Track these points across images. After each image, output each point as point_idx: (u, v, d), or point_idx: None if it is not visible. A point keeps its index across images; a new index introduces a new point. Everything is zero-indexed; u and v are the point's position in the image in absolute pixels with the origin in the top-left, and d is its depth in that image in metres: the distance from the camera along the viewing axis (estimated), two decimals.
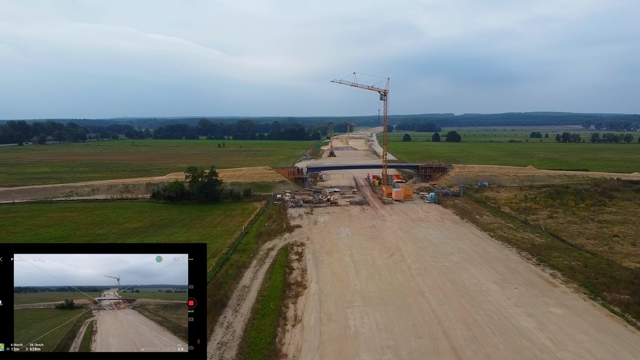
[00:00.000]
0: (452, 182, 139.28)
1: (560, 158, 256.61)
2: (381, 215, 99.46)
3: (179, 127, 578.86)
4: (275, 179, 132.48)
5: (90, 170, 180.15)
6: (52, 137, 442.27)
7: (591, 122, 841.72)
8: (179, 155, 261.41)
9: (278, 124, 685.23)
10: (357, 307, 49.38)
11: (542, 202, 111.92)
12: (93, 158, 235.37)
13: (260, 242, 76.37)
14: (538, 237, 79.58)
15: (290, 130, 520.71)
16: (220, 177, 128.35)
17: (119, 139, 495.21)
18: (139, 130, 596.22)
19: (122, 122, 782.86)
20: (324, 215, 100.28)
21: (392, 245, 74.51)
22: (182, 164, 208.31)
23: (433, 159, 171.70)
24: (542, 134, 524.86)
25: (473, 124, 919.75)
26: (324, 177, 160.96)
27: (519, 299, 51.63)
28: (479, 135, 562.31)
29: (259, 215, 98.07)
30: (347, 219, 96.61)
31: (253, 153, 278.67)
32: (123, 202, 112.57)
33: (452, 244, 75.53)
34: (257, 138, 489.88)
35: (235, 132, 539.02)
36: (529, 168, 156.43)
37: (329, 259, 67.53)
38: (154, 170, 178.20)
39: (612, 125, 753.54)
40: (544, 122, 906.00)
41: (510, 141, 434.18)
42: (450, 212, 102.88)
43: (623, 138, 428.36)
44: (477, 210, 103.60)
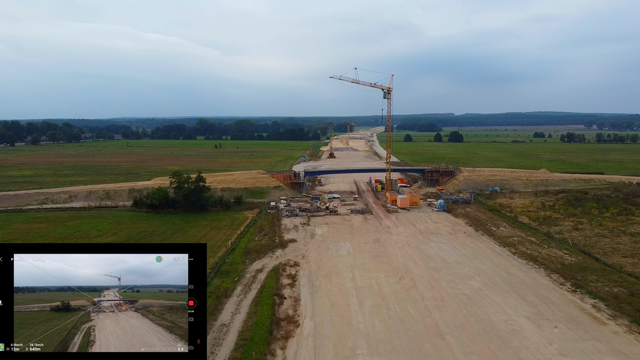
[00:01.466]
0: (460, 187, 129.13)
1: (569, 159, 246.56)
2: (386, 227, 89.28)
3: (177, 127, 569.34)
4: (269, 185, 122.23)
5: (76, 174, 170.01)
6: (46, 138, 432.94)
7: (593, 122, 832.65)
8: (173, 157, 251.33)
9: (277, 124, 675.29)
10: (362, 358, 39.22)
11: (562, 210, 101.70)
12: (82, 160, 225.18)
13: (248, 262, 66.20)
14: (567, 255, 69.45)
15: (289, 130, 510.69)
16: (210, 182, 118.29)
17: (114, 140, 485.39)
18: (136, 130, 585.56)
19: (121, 122, 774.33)
20: (322, 226, 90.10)
21: (400, 266, 64.36)
22: (174, 166, 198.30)
23: (440, 162, 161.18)
24: (545, 134, 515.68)
25: (474, 124, 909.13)
26: (323, 181, 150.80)
27: (563, 344, 41.47)
28: (481, 135, 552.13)
29: (249, 226, 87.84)
30: (347, 231, 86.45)
31: (250, 154, 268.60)
32: (101, 210, 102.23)
33: (470, 264, 65.39)
34: (255, 138, 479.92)
35: (233, 132, 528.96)
36: (542, 171, 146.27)
37: (327, 285, 57.41)
38: (143, 174, 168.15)
39: (614, 125, 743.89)
40: (545, 122, 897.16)
41: (514, 141, 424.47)
42: (463, 223, 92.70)
43: (629, 138, 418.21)
44: (492, 221, 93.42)
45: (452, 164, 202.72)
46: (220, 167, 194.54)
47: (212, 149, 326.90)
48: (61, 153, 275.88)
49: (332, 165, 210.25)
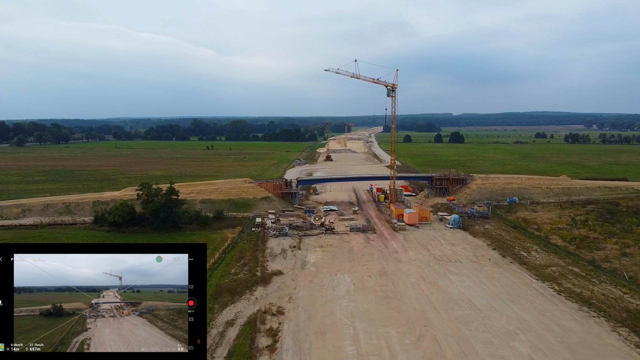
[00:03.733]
0: (474, 197, 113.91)
1: (579, 162, 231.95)
2: (393, 251, 73.98)
3: (170, 127, 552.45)
4: (256, 196, 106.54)
5: (47, 180, 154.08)
6: (33, 139, 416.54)
7: (593, 121, 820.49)
8: (159, 160, 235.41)
9: (274, 124, 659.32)
10: None
11: (597, 227, 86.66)
12: (60, 164, 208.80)
13: (218, 308, 50.78)
14: (627, 294, 54.38)
15: (285, 131, 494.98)
16: (188, 194, 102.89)
17: (105, 141, 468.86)
18: (129, 131, 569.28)
19: (117, 122, 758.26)
20: (316, 250, 74.73)
21: (416, 315, 49.09)
22: (157, 171, 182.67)
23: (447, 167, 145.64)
24: (547, 135, 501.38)
25: (472, 124, 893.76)
26: (319, 189, 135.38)
27: None
28: (482, 135, 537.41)
29: (226, 251, 72.24)
30: (347, 256, 71.14)
31: (242, 157, 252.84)
32: (54, 229, 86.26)
33: (507, 311, 50.17)
34: (250, 139, 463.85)
35: (228, 133, 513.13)
36: (562, 178, 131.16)
37: (319, 349, 42.01)
38: (121, 181, 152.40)
39: (615, 125, 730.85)
40: (544, 122, 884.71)
41: (516, 142, 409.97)
42: (484, 245, 77.54)
43: (635, 139, 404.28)
44: (519, 242, 78.24)
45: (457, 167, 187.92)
46: (207, 172, 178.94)
47: (204, 150, 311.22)
48: (42, 156, 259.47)
49: (328, 170, 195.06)
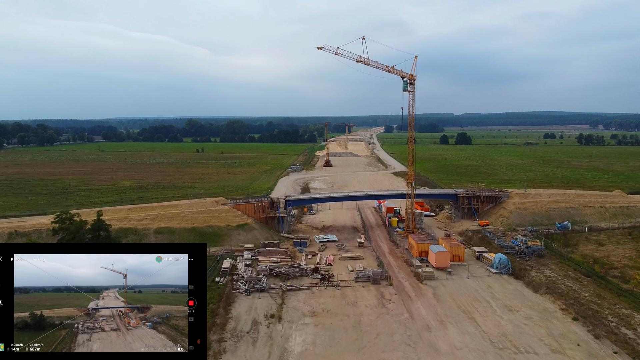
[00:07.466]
0: (512, 220, 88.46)
1: (606, 167, 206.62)
2: (423, 326, 48.28)
3: (164, 128, 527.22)
4: (230, 222, 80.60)
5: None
6: (15, 141, 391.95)
7: (599, 121, 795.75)
8: (139, 166, 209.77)
9: (272, 125, 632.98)
10: None
11: None
12: (22, 171, 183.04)
13: None
14: None
15: (283, 131, 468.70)
16: (139, 221, 77.56)
17: (93, 142, 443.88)
18: (120, 132, 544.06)
19: (112, 123, 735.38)
20: (305, 322, 49.07)
21: None
22: (128, 180, 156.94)
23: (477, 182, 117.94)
24: (555, 135, 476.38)
25: (474, 124, 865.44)
26: (314, 207, 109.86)
27: None
28: (488, 136, 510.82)
29: None
30: (352, 337, 45.63)
31: (232, 162, 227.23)
32: None
33: None
34: (247, 140, 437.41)
35: (224, 134, 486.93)
36: (616, 194, 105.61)
37: None
38: (78, 194, 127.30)
39: (621, 125, 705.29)
40: (547, 122, 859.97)
41: (527, 144, 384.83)
42: (556, 309, 51.92)
43: None
44: (607, 305, 52.65)
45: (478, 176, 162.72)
46: (186, 182, 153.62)
47: (193, 154, 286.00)
48: (9, 160, 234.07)
49: (328, 178, 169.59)
